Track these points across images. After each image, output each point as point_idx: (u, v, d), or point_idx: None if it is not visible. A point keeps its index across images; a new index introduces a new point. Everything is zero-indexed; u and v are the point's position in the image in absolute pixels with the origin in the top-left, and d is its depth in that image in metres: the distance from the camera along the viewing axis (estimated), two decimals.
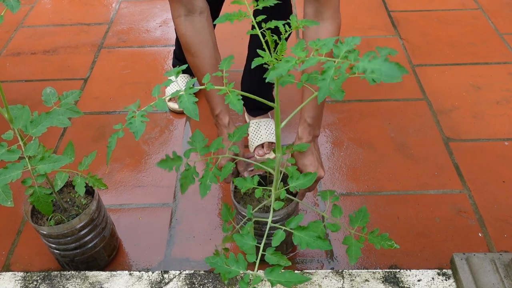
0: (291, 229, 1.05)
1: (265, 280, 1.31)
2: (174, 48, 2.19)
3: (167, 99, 2.07)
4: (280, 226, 1.06)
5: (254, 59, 0.90)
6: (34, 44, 2.54)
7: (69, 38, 2.58)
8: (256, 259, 1.01)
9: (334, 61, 0.75)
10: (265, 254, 1.03)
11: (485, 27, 2.50)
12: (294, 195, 1.36)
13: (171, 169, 1.16)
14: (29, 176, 1.14)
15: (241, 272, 1.00)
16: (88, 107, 2.11)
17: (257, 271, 0.99)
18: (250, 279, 0.99)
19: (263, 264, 1.01)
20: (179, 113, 2.06)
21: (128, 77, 2.28)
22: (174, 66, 2.16)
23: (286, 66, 0.80)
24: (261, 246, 1.03)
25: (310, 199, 1.69)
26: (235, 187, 1.40)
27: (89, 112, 2.09)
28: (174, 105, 2.05)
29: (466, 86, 2.14)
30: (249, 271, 1.00)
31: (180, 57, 2.11)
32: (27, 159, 1.11)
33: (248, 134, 1.87)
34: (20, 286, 1.36)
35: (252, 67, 0.90)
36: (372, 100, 2.09)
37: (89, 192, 1.42)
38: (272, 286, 0.99)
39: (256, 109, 1.89)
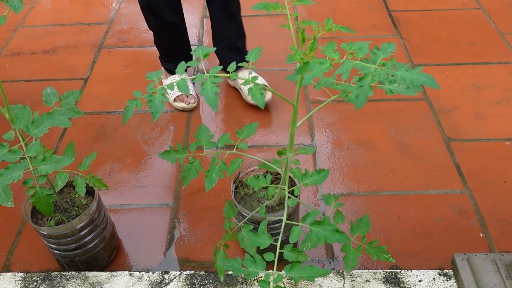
0: (307, 224, 1.04)
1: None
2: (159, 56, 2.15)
3: (171, 99, 2.07)
4: (296, 223, 1.05)
5: (288, 55, 0.89)
6: (34, 44, 2.54)
7: (69, 38, 2.57)
8: (275, 258, 1.00)
9: (372, 68, 0.74)
10: (282, 252, 1.02)
11: (486, 27, 2.50)
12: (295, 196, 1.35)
13: (174, 161, 1.16)
14: (30, 176, 1.14)
15: (260, 272, 0.98)
16: (88, 107, 2.11)
17: (276, 269, 0.98)
18: (271, 278, 0.98)
19: (270, 264, 1.00)
20: (181, 112, 2.06)
21: (128, 77, 2.28)
22: (166, 68, 2.14)
23: (321, 68, 0.79)
24: (278, 244, 1.02)
25: (311, 199, 1.69)
26: (236, 188, 1.40)
27: (89, 112, 2.09)
28: (179, 104, 2.05)
29: (467, 86, 2.14)
30: (269, 271, 0.99)
31: (167, 58, 2.10)
32: (28, 160, 1.11)
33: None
34: (20, 287, 1.36)
35: (287, 62, 0.89)
36: (372, 100, 2.08)
37: (89, 192, 1.42)
38: (295, 282, 0.97)
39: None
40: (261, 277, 1.28)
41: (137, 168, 1.83)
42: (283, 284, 1.27)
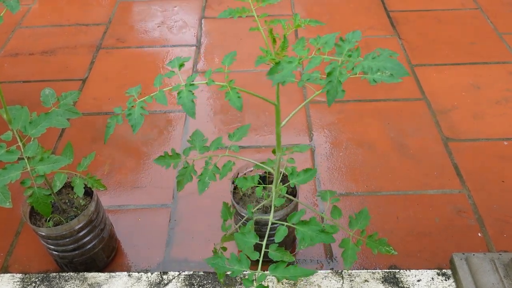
0: (293, 224, 1.05)
1: None
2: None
3: None
4: (282, 222, 1.06)
5: (257, 57, 0.89)
6: (32, 44, 2.54)
7: (67, 38, 2.57)
8: (260, 257, 1.01)
9: (338, 61, 0.74)
10: (267, 251, 1.03)
11: (484, 27, 2.50)
12: (293, 196, 1.36)
13: (168, 165, 1.17)
14: (28, 177, 1.14)
15: (244, 271, 0.99)
16: (87, 108, 2.11)
17: (260, 269, 0.99)
18: (255, 277, 0.98)
19: (265, 264, 1.00)
20: (179, 112, 2.06)
21: (127, 78, 2.28)
22: None
23: (290, 67, 0.79)
24: (264, 243, 1.02)
25: (310, 200, 1.69)
26: (234, 188, 1.40)
27: (88, 113, 2.08)
28: None
29: (465, 86, 2.14)
30: (252, 271, 1.00)
31: None
32: (26, 160, 1.11)
33: None
34: None
35: (256, 65, 0.90)
36: (371, 100, 2.09)
37: (88, 193, 1.42)
38: (278, 282, 0.98)
39: None
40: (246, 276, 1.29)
41: (135, 168, 1.83)
42: (267, 283, 1.28)
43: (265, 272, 1.00)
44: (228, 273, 1.00)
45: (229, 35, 2.53)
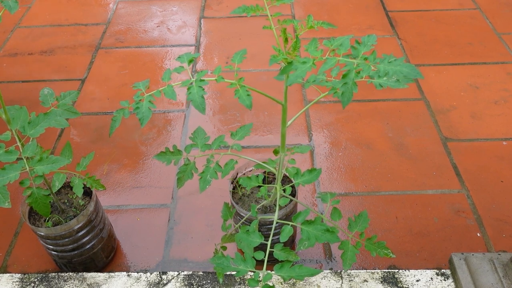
0: (298, 224, 1.04)
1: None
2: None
3: None
4: (286, 222, 1.06)
5: (271, 56, 0.89)
6: (31, 44, 2.53)
7: (66, 38, 2.57)
8: (265, 256, 1.00)
9: (354, 63, 0.74)
10: (272, 251, 1.03)
11: (483, 27, 2.51)
12: (292, 196, 1.36)
13: (169, 162, 1.16)
14: (27, 177, 1.14)
15: (249, 271, 0.99)
16: (86, 108, 2.11)
17: (266, 268, 0.99)
18: (261, 277, 0.98)
19: (269, 264, 1.00)
20: (178, 112, 2.06)
21: (126, 78, 2.28)
22: None
23: (304, 67, 0.78)
24: (269, 243, 1.02)
25: (309, 199, 1.69)
26: (233, 188, 1.40)
27: (86, 113, 2.08)
28: None
29: (464, 86, 2.14)
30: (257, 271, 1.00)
31: None
32: (25, 160, 1.11)
33: None
34: None
35: (270, 64, 0.89)
36: (370, 100, 2.09)
37: (87, 193, 1.41)
38: (284, 281, 0.98)
39: None
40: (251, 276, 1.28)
41: (134, 168, 1.83)
42: (272, 283, 1.28)
43: (271, 272, 0.99)
44: (233, 273, 1.00)
45: (228, 35, 2.53)
